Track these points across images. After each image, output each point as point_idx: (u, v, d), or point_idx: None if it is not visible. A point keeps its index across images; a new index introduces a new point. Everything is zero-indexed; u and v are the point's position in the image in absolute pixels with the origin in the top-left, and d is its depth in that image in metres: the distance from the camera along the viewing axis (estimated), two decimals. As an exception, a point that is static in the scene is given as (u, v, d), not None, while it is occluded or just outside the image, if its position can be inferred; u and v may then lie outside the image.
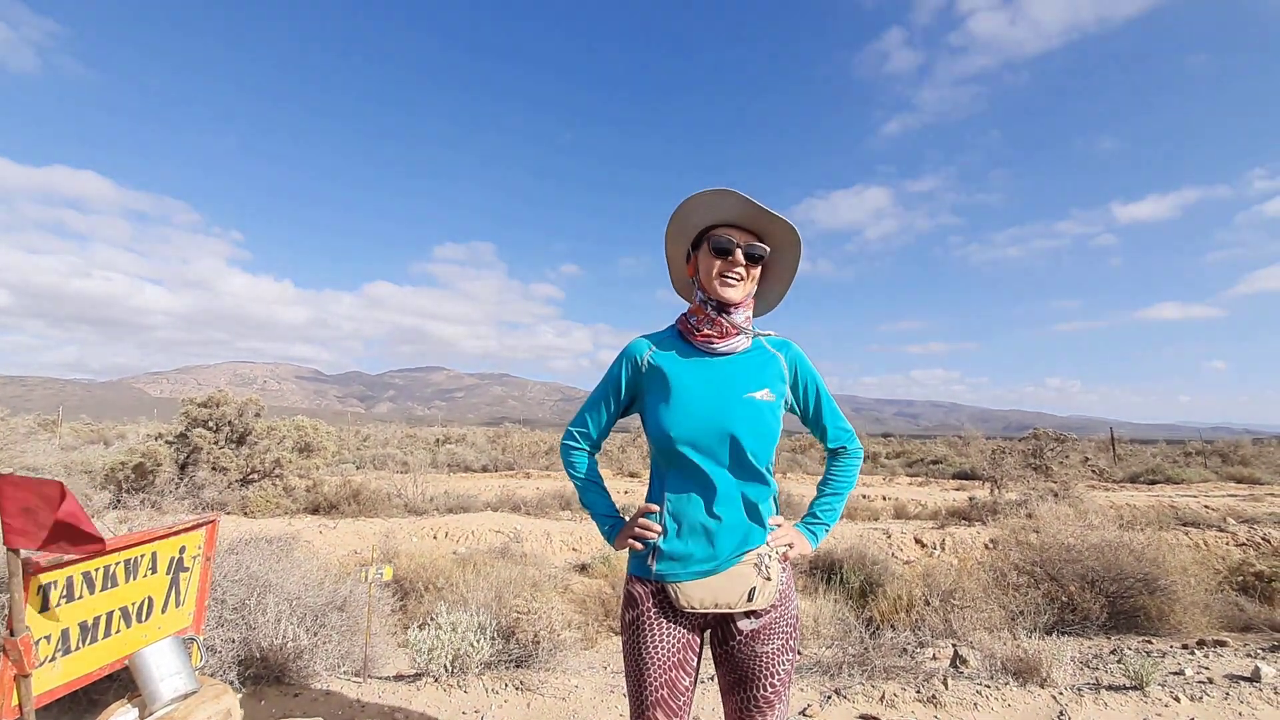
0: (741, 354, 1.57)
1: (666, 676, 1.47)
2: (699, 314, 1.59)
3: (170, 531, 2.09)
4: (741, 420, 1.48)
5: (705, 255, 1.56)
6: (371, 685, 3.34)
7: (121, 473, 9.99)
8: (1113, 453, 21.64)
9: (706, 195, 1.52)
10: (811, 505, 1.69)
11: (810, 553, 1.63)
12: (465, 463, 20.49)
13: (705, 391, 1.51)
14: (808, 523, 1.66)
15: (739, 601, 1.45)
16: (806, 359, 1.64)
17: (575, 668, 3.77)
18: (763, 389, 1.52)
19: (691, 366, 1.55)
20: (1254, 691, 3.24)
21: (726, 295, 1.53)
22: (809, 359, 1.65)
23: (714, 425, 1.47)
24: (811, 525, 1.65)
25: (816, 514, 1.66)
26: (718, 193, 1.50)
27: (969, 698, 3.19)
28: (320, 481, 11.73)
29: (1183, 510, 10.41)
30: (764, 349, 1.61)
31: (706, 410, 1.49)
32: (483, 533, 9.24)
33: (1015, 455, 12.51)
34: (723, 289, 1.53)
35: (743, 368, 1.55)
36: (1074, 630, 5.00)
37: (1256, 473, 17.63)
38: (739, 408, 1.49)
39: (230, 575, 3.43)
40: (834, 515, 1.66)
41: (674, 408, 1.50)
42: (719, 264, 1.53)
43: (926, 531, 9.31)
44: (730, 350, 1.56)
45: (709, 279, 1.55)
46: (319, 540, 8.34)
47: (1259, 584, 6.37)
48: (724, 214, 1.54)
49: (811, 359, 1.66)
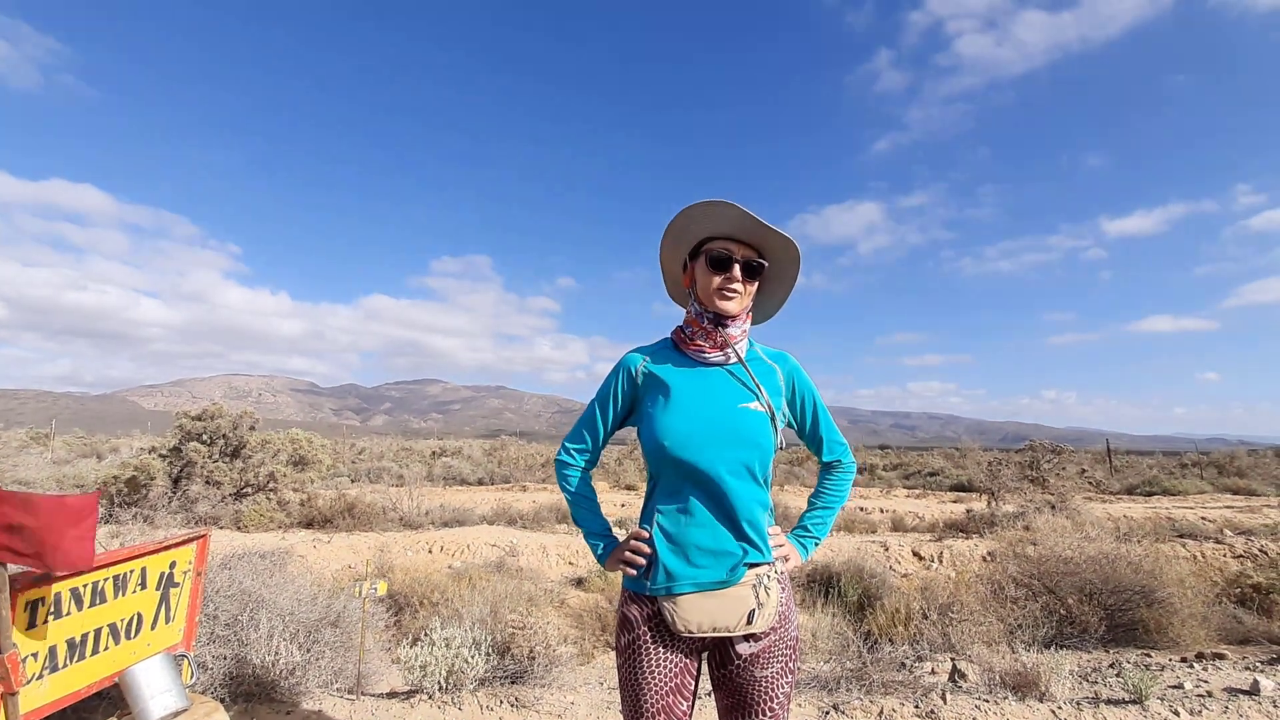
0: (736, 365, 1.54)
1: (663, 703, 1.42)
2: (694, 325, 1.57)
3: (160, 546, 2.07)
4: (735, 431, 1.45)
5: (703, 268, 1.54)
6: (365, 703, 3.30)
7: (114, 486, 9.92)
8: (1109, 464, 21.66)
9: (705, 206, 1.49)
10: (802, 518, 1.67)
11: (799, 564, 1.60)
12: (461, 476, 20.38)
13: (699, 402, 1.48)
14: (798, 535, 1.63)
15: (738, 625, 1.41)
16: (804, 371, 1.62)
17: (571, 684, 3.73)
18: (757, 400, 1.50)
19: (685, 377, 1.53)
20: (1253, 705, 3.23)
21: (724, 308, 1.52)
22: (806, 372, 1.63)
23: (707, 436, 1.44)
24: (802, 538, 1.62)
25: (807, 527, 1.64)
26: (717, 204, 1.48)
27: (968, 713, 3.17)
28: (315, 495, 11.66)
29: (1180, 522, 10.42)
30: (761, 360, 1.59)
31: (700, 421, 1.46)
32: (478, 546, 9.18)
33: (1012, 467, 12.51)
34: (721, 302, 1.52)
35: (737, 378, 1.52)
36: (1072, 643, 4.97)
37: (1252, 484, 17.68)
38: (733, 418, 1.46)
39: (222, 590, 3.40)
40: (824, 529, 1.64)
41: (666, 418, 1.47)
42: (717, 278, 1.51)
43: (924, 544, 9.28)
44: (724, 361, 1.54)
45: (706, 292, 1.53)
46: (313, 555, 8.26)
47: (1257, 596, 6.36)
48: (722, 226, 1.52)
49: (808, 371, 1.65)
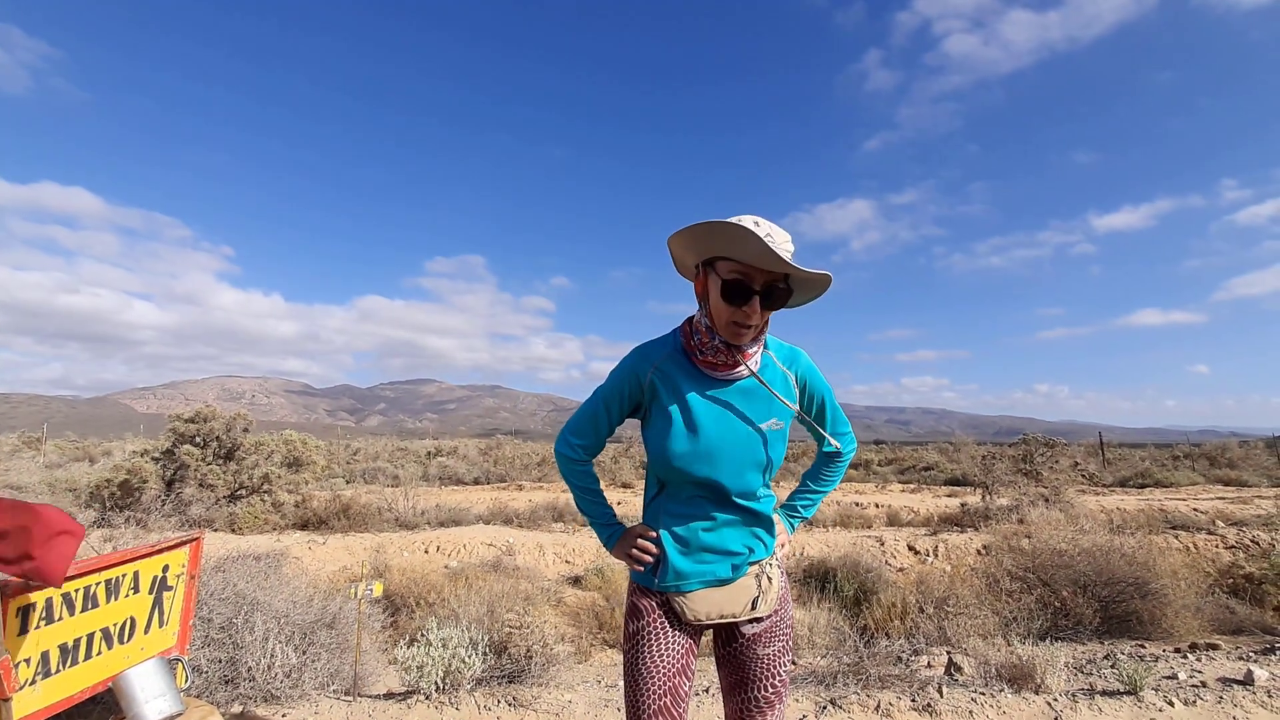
0: (750, 380, 1.47)
1: (670, 684, 1.47)
2: (705, 340, 1.45)
3: (152, 550, 2.05)
4: (752, 452, 1.46)
5: (717, 290, 1.39)
6: (361, 704, 3.29)
7: (107, 490, 9.86)
8: (1102, 457, 21.79)
9: (731, 228, 1.32)
10: (793, 495, 1.73)
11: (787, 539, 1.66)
12: (457, 475, 20.33)
13: (714, 421, 1.45)
14: (786, 512, 1.71)
15: (744, 611, 1.49)
16: (816, 370, 1.59)
17: (569, 682, 3.73)
18: (772, 418, 1.48)
19: (699, 391, 1.47)
20: (1247, 695, 3.25)
21: (739, 342, 1.43)
22: (818, 368, 1.61)
23: (722, 456, 1.44)
24: (790, 516, 1.70)
25: (796, 506, 1.72)
26: (742, 231, 1.30)
27: (964, 705, 3.18)
28: (309, 497, 11.62)
29: (1172, 513, 10.49)
30: (773, 365, 1.52)
31: (715, 441, 1.44)
32: (475, 546, 9.17)
33: (1006, 461, 12.56)
34: (733, 338, 1.42)
35: (753, 396, 1.48)
36: (1067, 635, 5.00)
37: (1244, 475, 17.82)
38: (750, 440, 1.46)
39: (217, 594, 3.38)
40: (812, 510, 1.73)
41: (679, 434, 1.44)
42: (732, 310, 1.38)
43: (919, 538, 9.33)
44: (738, 376, 1.47)
45: (721, 319, 1.41)
46: (308, 556, 8.24)
47: (1249, 586, 6.41)
48: (744, 254, 1.35)
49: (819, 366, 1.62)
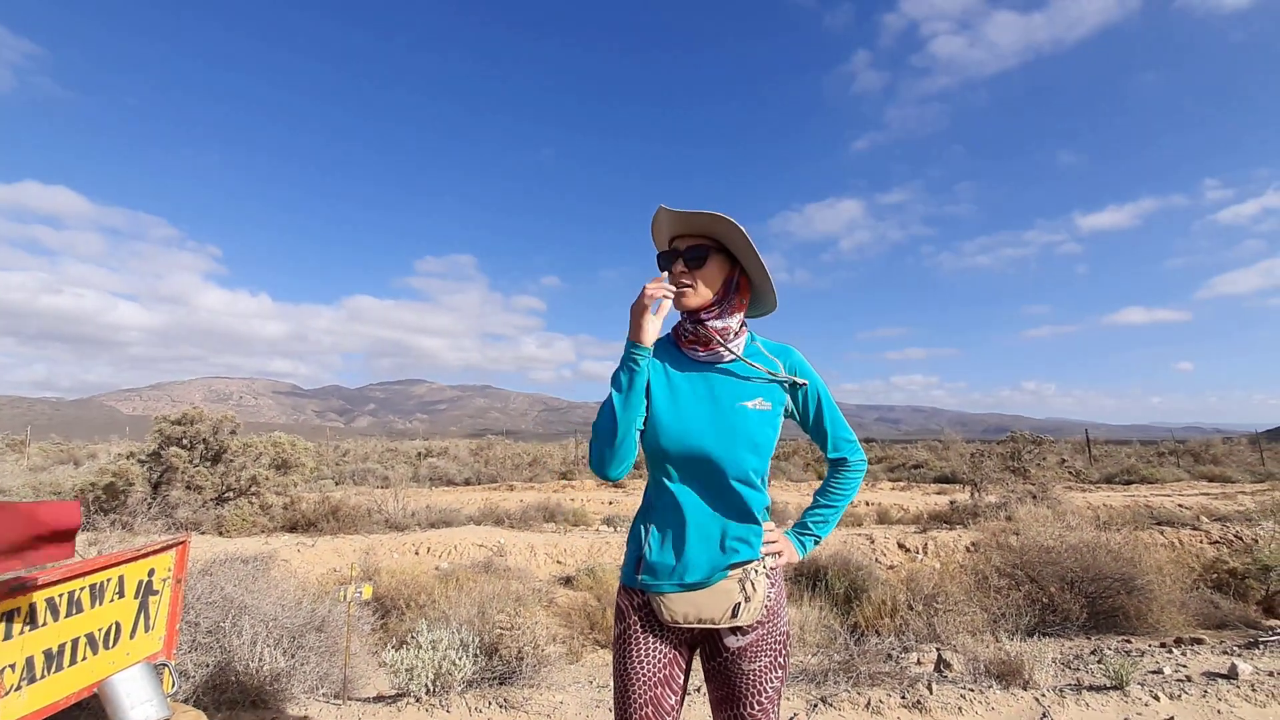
0: (737, 362, 1.52)
1: (651, 694, 1.43)
2: (682, 323, 1.59)
3: (138, 554, 2.03)
4: (732, 430, 1.44)
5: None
6: (351, 707, 3.27)
7: (92, 493, 9.73)
8: (1088, 454, 22.02)
9: (655, 220, 1.56)
10: (805, 514, 1.65)
11: (796, 561, 1.60)
12: (447, 476, 20.25)
13: (697, 400, 1.48)
14: (798, 531, 1.62)
15: (723, 617, 1.41)
16: (808, 365, 1.59)
17: (560, 683, 3.73)
18: (756, 397, 1.48)
19: (684, 373, 1.53)
20: (1231, 689, 3.30)
21: (683, 305, 1.53)
22: (811, 365, 1.60)
23: (703, 435, 1.44)
24: (801, 535, 1.61)
25: (808, 524, 1.62)
26: (656, 215, 1.55)
27: (953, 702, 3.20)
28: (298, 499, 11.52)
29: (1158, 510, 10.63)
30: (761, 355, 1.56)
31: (696, 419, 1.45)
32: (465, 547, 9.13)
33: (994, 458, 12.69)
34: (680, 306, 1.54)
35: (737, 375, 1.51)
36: (1055, 631, 5.05)
37: (1228, 471, 18.10)
38: (730, 417, 1.45)
39: (204, 597, 3.35)
40: (826, 528, 1.63)
41: (665, 415, 1.47)
42: (668, 278, 1.54)
43: (909, 536, 9.38)
44: (720, 359, 1.53)
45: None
46: (297, 559, 8.17)
47: (1233, 581, 6.51)
48: (668, 231, 1.58)
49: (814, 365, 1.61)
